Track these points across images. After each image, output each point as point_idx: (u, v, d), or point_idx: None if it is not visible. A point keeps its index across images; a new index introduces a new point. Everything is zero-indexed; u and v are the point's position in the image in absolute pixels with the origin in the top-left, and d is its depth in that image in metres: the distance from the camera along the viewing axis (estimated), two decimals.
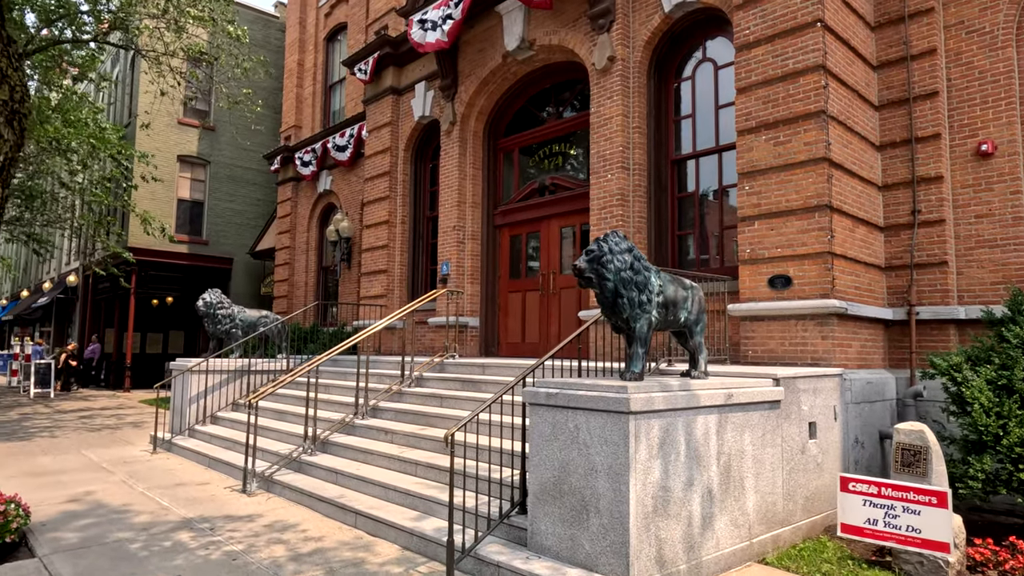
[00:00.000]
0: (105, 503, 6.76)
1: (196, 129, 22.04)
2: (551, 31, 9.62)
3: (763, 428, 5.32)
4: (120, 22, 11.89)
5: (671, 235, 8.64)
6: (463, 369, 8.75)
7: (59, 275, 28.03)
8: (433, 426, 7.36)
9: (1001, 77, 6.95)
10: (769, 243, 6.89)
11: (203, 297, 11.18)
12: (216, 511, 6.47)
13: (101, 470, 8.46)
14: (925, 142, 7.25)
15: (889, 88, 7.54)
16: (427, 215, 12.66)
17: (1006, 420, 5.19)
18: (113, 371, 21.54)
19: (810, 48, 6.75)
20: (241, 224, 22.84)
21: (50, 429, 12.22)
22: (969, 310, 6.86)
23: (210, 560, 5.05)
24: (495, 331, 10.95)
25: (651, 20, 8.50)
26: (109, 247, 15.39)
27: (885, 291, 7.44)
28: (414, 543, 5.29)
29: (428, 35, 10.58)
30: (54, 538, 5.59)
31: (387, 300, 12.38)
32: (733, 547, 4.91)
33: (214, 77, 13.56)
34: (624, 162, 8.54)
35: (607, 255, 4.75)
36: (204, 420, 10.32)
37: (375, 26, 14.45)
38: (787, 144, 6.84)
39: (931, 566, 4.66)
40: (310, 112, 17.55)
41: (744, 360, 6.99)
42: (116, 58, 22.96)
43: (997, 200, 6.90)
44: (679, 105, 8.76)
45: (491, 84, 10.86)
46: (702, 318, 5.52)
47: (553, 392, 4.74)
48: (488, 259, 11.15)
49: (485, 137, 11.34)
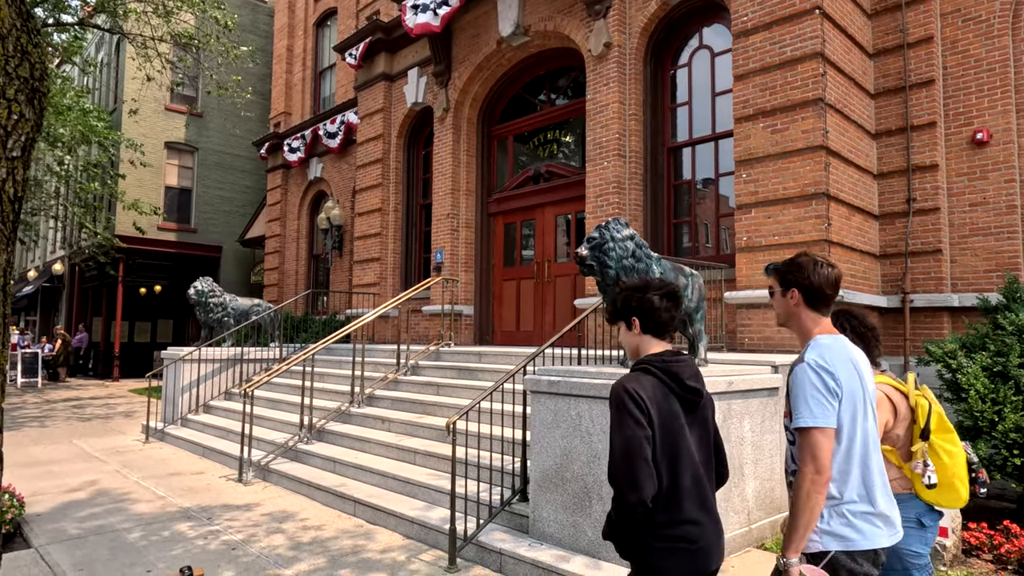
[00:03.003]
0: (100, 493, 6.71)
1: (184, 115, 21.73)
2: (546, 17, 9.54)
3: (762, 414, 5.35)
4: (107, 3, 11.66)
5: (667, 223, 8.64)
6: (459, 357, 8.74)
7: (44, 263, 27.68)
8: (430, 414, 7.35)
9: (997, 65, 6.98)
10: (766, 231, 6.90)
11: (194, 285, 11.07)
12: (213, 500, 6.44)
13: (94, 460, 8.39)
14: (921, 130, 7.28)
15: (885, 76, 7.55)
16: (420, 203, 12.58)
17: (1001, 406, 5.25)
18: (101, 360, 21.33)
19: (808, 35, 6.73)
20: (230, 212, 22.61)
21: (40, 419, 12.10)
22: (963, 297, 6.92)
23: (209, 550, 5.02)
24: (490, 319, 10.93)
25: (648, 6, 8.44)
26: (96, 236, 15.18)
27: (880, 279, 7.48)
28: (415, 531, 5.29)
29: (419, 16, 10.46)
30: (50, 528, 5.54)
31: (380, 288, 12.33)
32: (733, 533, 4.94)
33: (202, 63, 13.34)
34: (620, 149, 8.51)
35: (609, 242, 4.73)
36: (197, 409, 10.25)
37: (366, 11, 14.29)
38: (784, 132, 6.84)
39: None
40: (300, 98, 17.36)
41: (741, 347, 7.02)
42: (101, 42, 22.56)
43: (992, 188, 6.94)
44: (675, 92, 8.74)
45: (485, 70, 10.77)
46: (702, 306, 5.53)
47: (555, 380, 4.74)
48: (482, 247, 11.11)
49: (479, 124, 11.26)
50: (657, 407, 2.18)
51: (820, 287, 2.29)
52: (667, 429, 2.18)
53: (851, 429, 2.21)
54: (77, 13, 12.93)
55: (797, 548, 2.15)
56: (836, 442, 2.19)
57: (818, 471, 2.12)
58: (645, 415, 2.14)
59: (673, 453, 2.18)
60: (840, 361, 2.23)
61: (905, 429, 2.76)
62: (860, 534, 2.19)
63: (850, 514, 2.20)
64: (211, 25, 12.45)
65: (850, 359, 2.27)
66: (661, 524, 2.16)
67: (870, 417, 2.27)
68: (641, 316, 2.38)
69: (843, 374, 2.21)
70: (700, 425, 2.30)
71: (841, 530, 2.19)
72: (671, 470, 2.17)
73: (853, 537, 2.18)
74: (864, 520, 2.20)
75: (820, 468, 2.12)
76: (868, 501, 2.21)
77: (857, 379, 2.25)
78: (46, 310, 28.97)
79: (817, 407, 2.16)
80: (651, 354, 2.34)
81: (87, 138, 13.62)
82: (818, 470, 2.12)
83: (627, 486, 2.08)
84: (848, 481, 2.21)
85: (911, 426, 2.75)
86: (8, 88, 1.42)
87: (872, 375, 2.38)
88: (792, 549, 2.15)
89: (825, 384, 2.18)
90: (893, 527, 2.26)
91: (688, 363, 2.31)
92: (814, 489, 2.12)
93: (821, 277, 2.29)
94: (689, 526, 2.17)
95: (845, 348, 2.28)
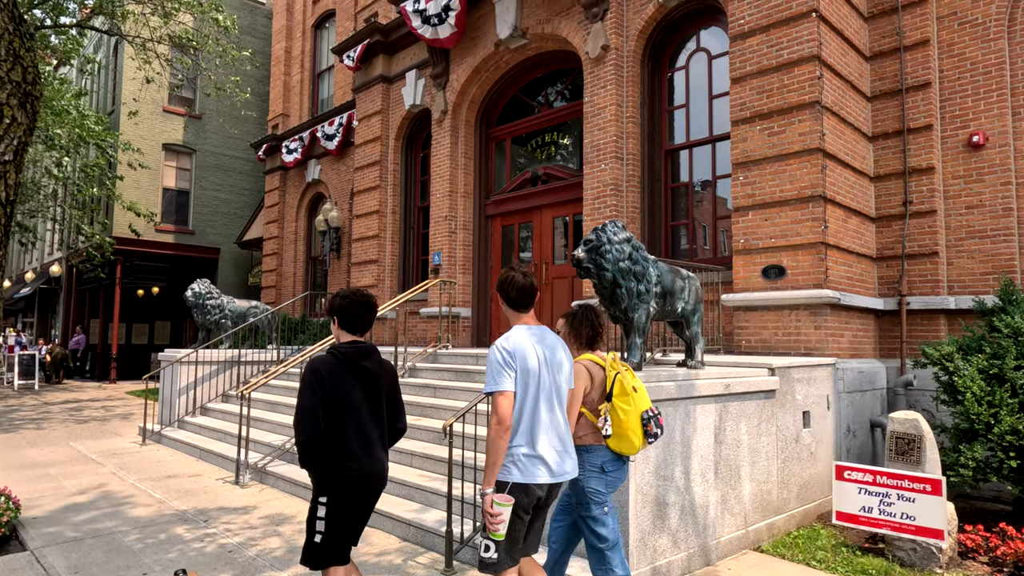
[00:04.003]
0: (96, 496, 6.69)
1: (182, 117, 21.72)
2: (544, 19, 9.56)
3: (759, 417, 5.36)
4: (105, 5, 11.66)
5: (665, 225, 8.65)
6: (456, 359, 8.73)
7: (42, 265, 27.64)
8: (428, 416, 7.34)
9: (993, 69, 7.00)
10: (763, 233, 6.91)
11: (192, 287, 11.06)
12: (210, 503, 6.43)
13: (91, 462, 8.38)
14: (917, 133, 7.29)
15: (882, 79, 7.57)
16: (418, 205, 12.59)
17: (997, 409, 5.26)
18: (99, 362, 21.30)
19: (805, 38, 6.75)
20: (228, 213, 22.60)
21: (37, 421, 12.08)
22: (959, 300, 6.94)
23: (205, 553, 5.01)
24: (487, 321, 10.93)
25: (645, 9, 8.46)
26: (93, 238, 15.15)
27: (876, 281, 7.50)
28: (411, 534, 5.28)
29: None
30: (46, 531, 5.53)
31: (378, 290, 12.32)
32: (730, 535, 4.95)
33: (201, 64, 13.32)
34: (618, 152, 8.52)
35: (606, 245, 4.74)
36: (194, 411, 10.24)
37: (364, 13, 14.30)
38: (781, 134, 6.85)
39: (924, 552, 4.73)
40: (298, 100, 17.36)
41: (738, 350, 7.03)
42: (99, 43, 22.55)
43: (988, 191, 6.96)
44: (673, 95, 8.75)
45: (483, 73, 10.78)
46: (699, 308, 5.54)
47: None
48: (480, 249, 11.11)
49: (477, 126, 11.27)
50: (333, 381, 3.10)
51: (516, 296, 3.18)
52: (339, 395, 3.11)
53: (523, 394, 3.03)
54: (75, 15, 12.92)
55: (490, 482, 2.98)
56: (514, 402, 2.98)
57: (499, 423, 2.93)
58: (321, 386, 3.07)
59: (343, 411, 3.12)
60: (519, 345, 3.05)
61: (600, 394, 3.46)
62: (524, 471, 2.99)
63: (518, 455, 3.01)
64: (210, 26, 12.45)
65: (530, 344, 3.09)
66: (332, 455, 3.11)
67: (544, 385, 3.07)
68: (339, 316, 3.30)
69: (519, 355, 3.03)
70: (372, 393, 3.23)
71: (512, 467, 3.00)
72: (339, 422, 3.11)
73: (518, 472, 2.99)
74: (529, 460, 3.01)
75: (501, 420, 2.93)
76: (531, 447, 3.01)
77: (535, 358, 3.07)
78: (43, 312, 28.93)
79: (499, 377, 2.98)
80: (341, 343, 3.28)
81: (84, 140, 13.60)
82: (499, 422, 2.93)
83: (299, 429, 3.03)
84: (518, 431, 3.02)
85: (604, 392, 3.46)
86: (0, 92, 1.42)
87: (563, 354, 3.23)
88: (487, 483, 2.98)
89: (505, 361, 3.00)
90: (552, 469, 3.03)
91: (364, 350, 3.24)
92: (497, 436, 2.93)
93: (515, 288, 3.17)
94: (351, 461, 3.13)
95: (525, 336, 3.12)
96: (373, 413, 3.23)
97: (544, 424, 3.04)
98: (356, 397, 3.16)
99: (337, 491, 3.11)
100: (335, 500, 3.12)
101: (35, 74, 1.51)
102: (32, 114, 1.51)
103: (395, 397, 3.37)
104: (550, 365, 3.12)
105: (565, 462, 3.11)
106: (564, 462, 3.10)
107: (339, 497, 3.12)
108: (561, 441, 3.11)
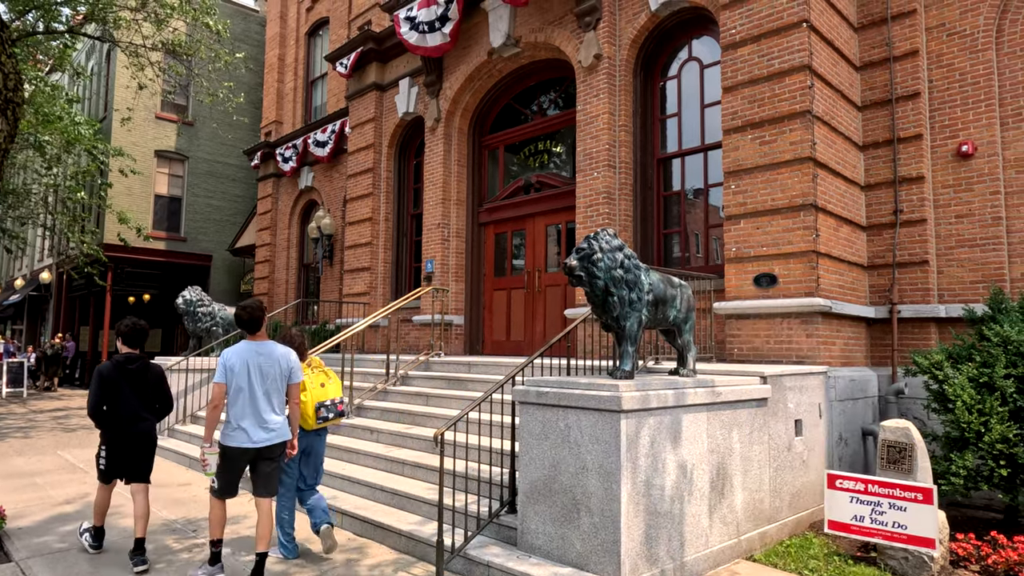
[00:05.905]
0: (85, 505, 6.62)
1: (174, 124, 21.66)
2: (537, 28, 9.60)
3: (751, 426, 5.35)
4: (98, 12, 11.62)
5: (657, 233, 8.67)
6: (449, 367, 8.71)
7: (32, 272, 27.45)
8: (420, 425, 7.31)
9: (981, 79, 7.06)
10: (755, 242, 6.93)
11: (183, 295, 11.00)
12: (199, 513, 6.36)
13: (78, 471, 8.29)
14: (907, 143, 7.35)
15: (872, 89, 7.63)
16: (411, 212, 12.58)
17: (988, 417, 5.27)
18: (88, 370, 21.12)
19: (796, 48, 6.80)
20: (220, 220, 22.52)
21: (24, 429, 11.96)
22: (950, 308, 6.97)
23: (194, 563, 4.95)
24: (480, 329, 10.91)
25: (637, 19, 8.51)
26: (83, 246, 15.03)
27: (867, 290, 7.53)
28: (403, 544, 5.24)
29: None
30: (32, 542, 5.46)
31: (370, 298, 12.29)
32: (722, 544, 4.93)
33: (193, 70, 13.29)
34: (610, 160, 8.54)
35: (598, 253, 4.73)
36: (184, 420, 10.16)
37: (358, 21, 14.31)
38: (773, 143, 6.88)
39: (915, 561, 4.73)
40: (291, 108, 17.35)
41: (730, 358, 7.03)
42: (91, 50, 22.49)
43: (977, 200, 7.01)
44: (665, 104, 8.79)
45: (476, 81, 10.81)
46: (691, 316, 5.54)
47: (544, 391, 4.72)
48: (473, 257, 11.11)
49: (470, 134, 11.28)
50: (109, 377, 5.01)
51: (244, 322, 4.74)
52: (112, 386, 5.03)
53: (237, 388, 4.53)
54: (67, 21, 12.87)
55: (206, 438, 4.63)
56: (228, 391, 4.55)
57: (212, 401, 4.56)
58: (102, 381, 4.99)
59: (115, 397, 5.04)
60: (234, 354, 4.57)
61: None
62: (230, 438, 4.54)
63: (229, 428, 4.57)
64: (203, 32, 12.43)
65: (244, 352, 4.60)
66: (112, 422, 5.06)
67: (254, 382, 4.55)
68: (119, 335, 5.26)
69: (231, 361, 4.55)
70: (139, 385, 5.14)
71: (223, 435, 4.59)
72: (115, 404, 5.04)
73: (227, 438, 4.55)
74: (234, 430, 4.53)
75: (213, 400, 4.55)
76: (237, 422, 4.52)
77: (244, 364, 4.55)
78: (33, 319, 28.71)
79: (219, 374, 4.53)
80: (120, 353, 5.20)
81: (74, 143, 13.52)
82: (212, 401, 4.56)
83: (89, 410, 5.01)
84: (231, 411, 4.54)
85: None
86: None
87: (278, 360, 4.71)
88: (204, 439, 4.64)
89: (224, 364, 4.55)
90: (250, 437, 4.51)
91: (132, 359, 5.15)
92: (210, 409, 4.55)
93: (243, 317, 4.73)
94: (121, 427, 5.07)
95: (242, 348, 4.61)
96: (141, 399, 5.15)
97: (250, 407, 4.55)
98: (124, 388, 5.05)
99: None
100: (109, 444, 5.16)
101: (16, 80, 1.49)
102: (14, 120, 1.49)
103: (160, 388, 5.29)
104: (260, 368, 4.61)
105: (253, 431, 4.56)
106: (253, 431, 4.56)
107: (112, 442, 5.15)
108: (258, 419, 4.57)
